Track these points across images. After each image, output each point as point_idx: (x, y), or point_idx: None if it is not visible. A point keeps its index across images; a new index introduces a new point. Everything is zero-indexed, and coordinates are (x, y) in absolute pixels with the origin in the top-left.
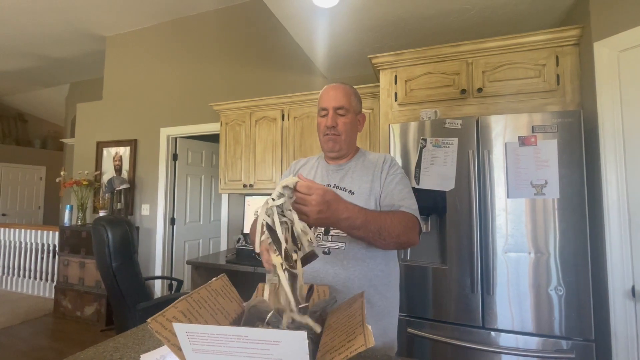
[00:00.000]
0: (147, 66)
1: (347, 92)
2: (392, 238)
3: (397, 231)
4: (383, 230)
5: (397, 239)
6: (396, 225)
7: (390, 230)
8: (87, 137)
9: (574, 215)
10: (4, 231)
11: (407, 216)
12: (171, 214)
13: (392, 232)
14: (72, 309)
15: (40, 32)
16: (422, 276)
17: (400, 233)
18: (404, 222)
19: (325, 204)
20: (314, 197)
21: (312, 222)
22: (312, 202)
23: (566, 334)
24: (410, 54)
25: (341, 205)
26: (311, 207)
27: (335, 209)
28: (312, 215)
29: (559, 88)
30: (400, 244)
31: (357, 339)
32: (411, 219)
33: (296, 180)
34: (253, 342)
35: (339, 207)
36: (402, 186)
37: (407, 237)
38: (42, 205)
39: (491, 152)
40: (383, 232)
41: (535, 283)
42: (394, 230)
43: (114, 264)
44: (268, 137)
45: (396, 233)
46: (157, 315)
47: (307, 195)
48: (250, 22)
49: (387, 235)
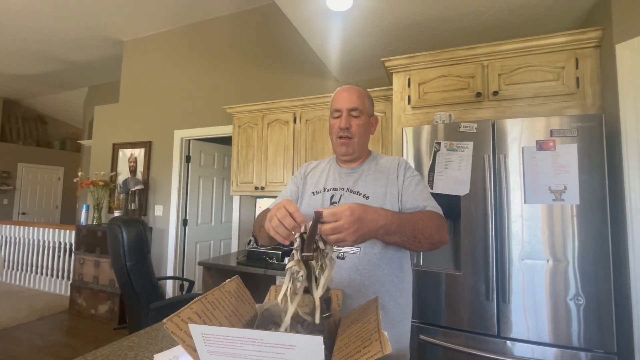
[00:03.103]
0: (162, 70)
1: (360, 93)
2: (426, 239)
3: (430, 231)
4: (417, 233)
5: (430, 239)
6: (429, 225)
7: (424, 231)
8: (104, 138)
9: (594, 221)
10: (23, 229)
11: (436, 215)
12: (183, 215)
13: (426, 232)
14: (86, 306)
15: (61, 37)
16: (435, 282)
17: (434, 233)
18: (435, 222)
19: (358, 222)
20: (345, 221)
21: (353, 244)
22: (345, 226)
23: (586, 346)
24: (424, 56)
25: (373, 215)
26: (347, 232)
27: (370, 220)
28: (351, 237)
29: (578, 91)
30: (433, 244)
31: (372, 345)
32: (440, 217)
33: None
34: (269, 345)
35: (372, 217)
36: (422, 187)
37: (440, 236)
38: (59, 205)
39: (507, 156)
40: (418, 234)
41: (553, 292)
42: (427, 231)
43: (128, 263)
44: (280, 140)
45: (429, 233)
46: (172, 316)
47: (336, 222)
48: (263, 26)
49: (421, 237)
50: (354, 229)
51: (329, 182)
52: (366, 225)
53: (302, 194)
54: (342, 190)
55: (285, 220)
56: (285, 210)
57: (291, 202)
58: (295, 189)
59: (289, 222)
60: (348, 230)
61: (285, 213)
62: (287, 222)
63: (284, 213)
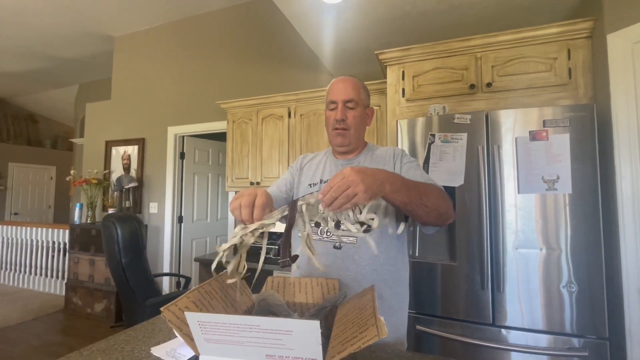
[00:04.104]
0: (155, 65)
1: (356, 85)
2: (434, 205)
3: (436, 199)
4: (424, 196)
5: (437, 207)
6: (434, 193)
7: (429, 195)
8: (96, 136)
9: (586, 210)
10: (16, 229)
11: (441, 188)
12: (179, 212)
13: (432, 198)
14: (82, 305)
15: (49, 33)
16: (431, 273)
17: (440, 201)
18: (440, 192)
19: (360, 172)
20: (346, 177)
21: (365, 196)
22: (350, 178)
23: (579, 332)
24: (417, 49)
25: (373, 169)
26: (353, 184)
27: (371, 171)
28: (360, 187)
29: (570, 82)
30: (440, 214)
31: (369, 330)
32: (444, 191)
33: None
34: (265, 331)
35: (373, 169)
36: (421, 171)
37: (447, 207)
38: (52, 204)
39: (501, 147)
40: (424, 198)
41: (547, 280)
42: (433, 198)
43: (123, 260)
44: (275, 135)
45: (435, 200)
46: (169, 305)
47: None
48: (256, 19)
49: (428, 202)
50: (359, 178)
51: (326, 173)
52: (369, 174)
53: (298, 185)
54: None
55: (245, 210)
56: (251, 201)
57: (264, 194)
58: (291, 179)
59: (245, 214)
60: (354, 179)
61: (249, 202)
62: (244, 213)
63: (248, 202)
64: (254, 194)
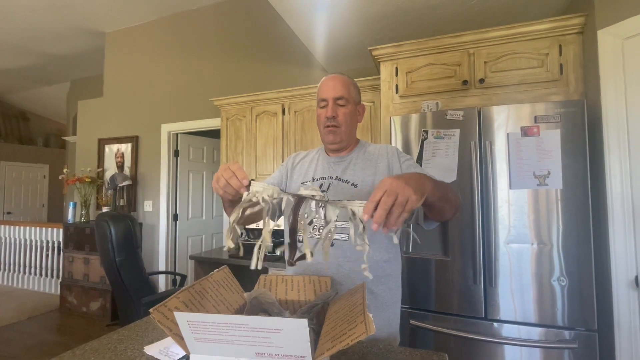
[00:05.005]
0: (147, 62)
1: (345, 82)
2: (454, 198)
3: (451, 190)
4: (447, 189)
5: (456, 200)
6: (448, 185)
7: (449, 189)
8: (89, 134)
9: (577, 205)
10: (9, 229)
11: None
12: (174, 210)
13: (450, 191)
14: (77, 304)
15: (39, 28)
16: (425, 268)
17: (454, 195)
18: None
19: (399, 178)
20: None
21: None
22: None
23: (569, 325)
24: (410, 45)
25: (405, 174)
26: (402, 190)
27: (407, 176)
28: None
29: (562, 78)
30: (458, 207)
31: (358, 326)
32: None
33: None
34: (254, 330)
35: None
36: (420, 169)
37: (458, 201)
38: (46, 203)
39: (493, 143)
40: (448, 191)
41: (538, 274)
42: (450, 190)
43: (117, 258)
44: (269, 132)
45: (452, 192)
46: (158, 305)
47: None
48: (249, 15)
49: (450, 195)
50: (403, 183)
51: (318, 171)
52: (408, 178)
53: (290, 184)
54: (330, 179)
55: (232, 180)
56: (231, 171)
57: (235, 162)
58: (280, 178)
59: (235, 182)
60: (398, 185)
61: (231, 174)
62: (234, 182)
63: (230, 174)
64: (227, 166)
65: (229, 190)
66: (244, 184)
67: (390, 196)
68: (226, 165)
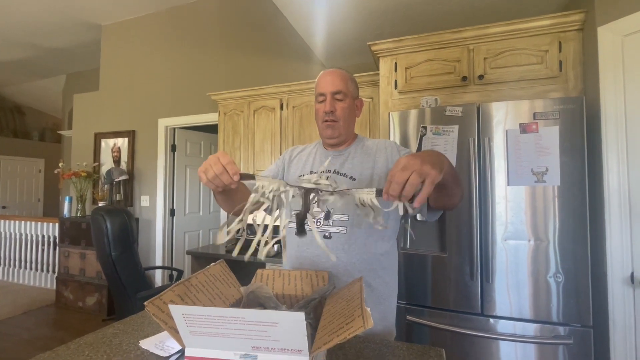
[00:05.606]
0: (144, 56)
1: (343, 76)
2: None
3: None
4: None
5: (462, 186)
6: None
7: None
8: (85, 128)
9: (574, 202)
10: (4, 223)
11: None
12: (171, 205)
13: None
14: (73, 299)
15: (34, 20)
16: (422, 264)
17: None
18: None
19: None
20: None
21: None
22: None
23: (564, 321)
24: (410, 40)
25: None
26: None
27: (421, 153)
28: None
29: (561, 74)
30: (462, 194)
31: (355, 320)
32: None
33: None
34: (251, 323)
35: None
36: None
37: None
38: (41, 198)
39: (492, 139)
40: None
41: (534, 270)
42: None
43: (113, 253)
44: (267, 127)
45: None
46: (154, 299)
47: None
48: (248, 9)
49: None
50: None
51: (316, 165)
52: (424, 154)
53: (287, 177)
54: (328, 172)
55: (223, 176)
56: (221, 166)
57: (225, 154)
58: (276, 171)
59: (226, 178)
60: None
61: (222, 169)
62: (225, 179)
63: (221, 169)
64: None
65: (217, 183)
66: (234, 180)
67: (407, 172)
68: (216, 156)
